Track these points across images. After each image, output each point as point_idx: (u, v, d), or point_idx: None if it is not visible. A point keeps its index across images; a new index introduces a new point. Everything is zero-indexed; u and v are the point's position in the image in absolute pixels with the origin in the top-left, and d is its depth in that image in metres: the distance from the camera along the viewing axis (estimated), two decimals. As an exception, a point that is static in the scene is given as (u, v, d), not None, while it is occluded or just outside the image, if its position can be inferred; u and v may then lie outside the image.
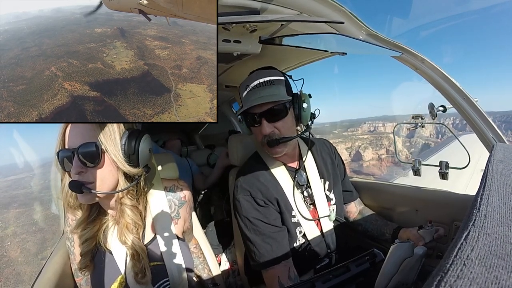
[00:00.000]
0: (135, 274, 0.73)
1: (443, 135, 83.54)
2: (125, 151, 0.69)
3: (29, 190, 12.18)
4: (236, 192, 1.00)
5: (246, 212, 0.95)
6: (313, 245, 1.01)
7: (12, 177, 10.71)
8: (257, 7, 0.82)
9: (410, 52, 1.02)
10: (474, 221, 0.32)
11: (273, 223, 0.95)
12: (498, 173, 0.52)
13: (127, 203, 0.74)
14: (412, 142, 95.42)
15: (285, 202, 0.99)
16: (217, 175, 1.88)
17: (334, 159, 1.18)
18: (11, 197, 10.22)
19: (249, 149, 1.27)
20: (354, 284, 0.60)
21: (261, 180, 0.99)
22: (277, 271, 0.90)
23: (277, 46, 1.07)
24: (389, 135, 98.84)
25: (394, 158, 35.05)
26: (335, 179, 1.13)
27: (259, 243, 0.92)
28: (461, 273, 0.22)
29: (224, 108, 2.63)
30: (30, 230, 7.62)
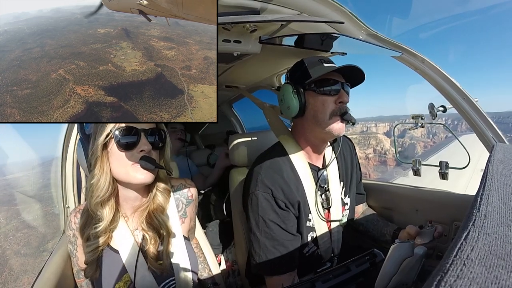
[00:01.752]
0: (152, 260, 0.74)
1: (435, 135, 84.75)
2: None
3: (28, 188, 12.27)
4: (255, 186, 0.92)
5: (264, 212, 0.89)
6: (321, 249, 0.98)
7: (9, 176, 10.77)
8: (257, 7, 0.82)
9: (410, 52, 1.02)
10: (474, 221, 0.32)
11: (290, 230, 0.89)
12: (498, 173, 0.52)
13: (161, 187, 0.79)
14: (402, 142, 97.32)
15: (304, 206, 0.94)
16: (217, 175, 1.88)
17: (354, 160, 1.13)
18: (10, 195, 10.34)
19: (249, 149, 1.27)
20: (354, 284, 0.60)
21: (284, 178, 0.91)
22: (282, 279, 0.88)
23: (277, 46, 1.07)
24: (377, 135, 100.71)
25: (381, 157, 35.25)
26: (352, 183, 1.09)
27: (268, 248, 0.87)
28: (461, 273, 0.22)
29: (224, 108, 2.63)
30: (31, 225, 7.77)
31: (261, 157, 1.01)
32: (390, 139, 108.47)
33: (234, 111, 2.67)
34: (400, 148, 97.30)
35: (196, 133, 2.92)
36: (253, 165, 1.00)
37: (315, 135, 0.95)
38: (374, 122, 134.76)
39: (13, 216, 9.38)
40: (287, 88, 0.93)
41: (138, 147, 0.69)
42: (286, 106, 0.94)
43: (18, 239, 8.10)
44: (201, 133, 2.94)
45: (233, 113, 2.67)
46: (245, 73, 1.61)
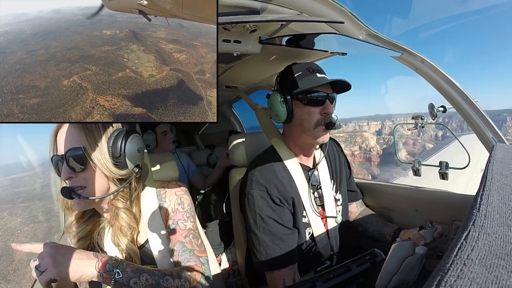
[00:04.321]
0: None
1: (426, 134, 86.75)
2: (112, 153, 0.67)
3: (30, 187, 12.52)
4: (250, 185, 0.96)
5: (260, 209, 0.92)
6: (319, 246, 1.00)
7: (12, 176, 10.87)
8: (257, 7, 0.82)
9: (410, 52, 1.02)
10: (474, 221, 0.32)
11: (286, 225, 0.93)
12: (498, 173, 0.52)
13: (119, 206, 0.73)
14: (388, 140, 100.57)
15: (298, 202, 0.98)
16: (217, 175, 1.88)
17: (341, 158, 1.18)
18: (14, 194, 10.58)
19: (250, 149, 1.27)
20: (355, 284, 0.60)
21: (278, 177, 0.96)
22: (283, 273, 0.89)
23: (277, 46, 1.07)
24: (363, 133, 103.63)
25: (366, 154, 35.59)
26: (342, 180, 1.13)
27: (267, 243, 0.90)
28: (461, 273, 0.22)
29: (224, 108, 2.63)
30: (37, 221, 8.05)
31: (255, 159, 1.07)
32: (377, 137, 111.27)
33: (234, 111, 2.67)
34: (385, 146, 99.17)
35: (196, 133, 2.92)
36: (248, 167, 1.04)
37: (302, 141, 1.01)
38: (366, 121, 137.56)
39: (19, 213, 9.75)
40: (276, 96, 0.98)
41: (62, 175, 0.67)
42: (274, 113, 1.00)
43: (25, 233, 8.52)
44: (201, 133, 2.94)
45: (233, 113, 2.67)
46: (245, 73, 1.61)
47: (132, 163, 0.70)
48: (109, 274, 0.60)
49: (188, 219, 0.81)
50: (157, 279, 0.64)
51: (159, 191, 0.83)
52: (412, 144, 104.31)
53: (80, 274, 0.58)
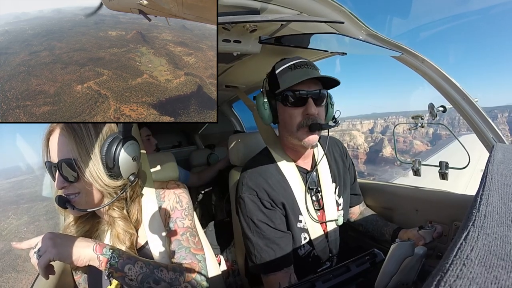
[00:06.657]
0: None
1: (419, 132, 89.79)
2: (105, 163, 0.64)
3: (32, 189, 12.78)
4: (241, 189, 0.94)
5: (251, 213, 0.91)
6: (317, 250, 0.98)
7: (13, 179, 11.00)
8: (257, 7, 0.82)
9: (410, 52, 1.02)
10: (474, 221, 0.32)
11: (279, 228, 0.91)
12: (498, 174, 0.52)
13: (115, 216, 0.72)
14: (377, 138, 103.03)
15: (292, 207, 0.95)
16: (211, 174, 1.88)
17: (345, 161, 1.14)
18: (17, 195, 10.86)
19: (250, 148, 1.27)
20: (355, 284, 0.60)
21: (269, 182, 0.93)
22: (278, 277, 0.88)
23: (277, 46, 1.07)
24: (351, 132, 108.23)
25: (353, 151, 36.02)
26: (345, 183, 1.09)
27: (261, 247, 0.89)
28: (461, 273, 0.22)
29: (224, 108, 2.63)
30: (42, 219, 8.31)
31: (249, 161, 1.04)
32: (365, 136, 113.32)
33: (234, 111, 2.67)
34: (372, 143, 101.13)
35: (196, 133, 2.92)
36: (242, 170, 1.02)
37: (290, 142, 0.97)
38: (360, 120, 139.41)
39: (23, 213, 9.97)
40: (259, 98, 0.94)
41: (56, 184, 0.66)
42: (260, 115, 0.96)
43: (31, 230, 8.82)
44: (201, 133, 2.94)
45: (233, 113, 2.67)
46: (244, 73, 1.60)
47: (125, 174, 0.67)
48: (105, 257, 0.61)
49: (186, 217, 0.81)
50: (151, 268, 0.65)
51: (158, 192, 0.82)
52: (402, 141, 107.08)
53: (79, 254, 0.59)
